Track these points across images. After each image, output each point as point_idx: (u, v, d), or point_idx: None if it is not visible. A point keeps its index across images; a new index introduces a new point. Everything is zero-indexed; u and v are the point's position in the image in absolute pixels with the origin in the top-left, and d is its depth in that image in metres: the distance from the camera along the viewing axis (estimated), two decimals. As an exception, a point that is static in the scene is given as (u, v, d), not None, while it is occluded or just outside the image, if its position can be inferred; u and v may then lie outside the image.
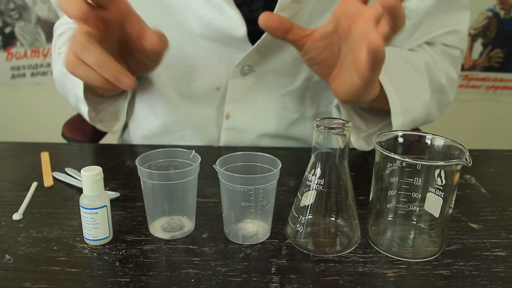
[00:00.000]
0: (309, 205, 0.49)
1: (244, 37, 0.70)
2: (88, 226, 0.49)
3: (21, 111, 1.89)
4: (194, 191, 0.52)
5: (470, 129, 1.85)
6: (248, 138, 0.79)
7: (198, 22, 0.71)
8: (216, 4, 0.68)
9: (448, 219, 0.49)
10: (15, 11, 1.76)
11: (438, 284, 0.45)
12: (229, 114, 0.77)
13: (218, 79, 0.75)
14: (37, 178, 0.65)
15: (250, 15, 0.71)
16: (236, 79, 0.74)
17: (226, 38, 0.71)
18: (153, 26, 0.61)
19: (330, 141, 0.47)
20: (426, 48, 0.78)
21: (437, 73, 0.75)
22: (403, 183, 0.48)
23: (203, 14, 0.69)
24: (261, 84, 0.76)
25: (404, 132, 0.52)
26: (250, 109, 0.77)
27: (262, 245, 0.51)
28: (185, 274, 0.46)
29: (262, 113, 0.78)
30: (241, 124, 0.78)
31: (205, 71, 0.75)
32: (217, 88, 0.76)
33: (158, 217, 0.53)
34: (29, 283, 0.45)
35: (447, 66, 0.78)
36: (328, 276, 0.46)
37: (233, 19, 0.69)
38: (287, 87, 0.76)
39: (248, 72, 0.74)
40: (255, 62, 0.73)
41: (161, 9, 0.72)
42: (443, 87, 0.76)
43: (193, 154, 0.53)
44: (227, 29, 0.70)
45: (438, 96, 0.76)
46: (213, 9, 0.69)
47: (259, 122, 0.78)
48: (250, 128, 0.78)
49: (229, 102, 0.76)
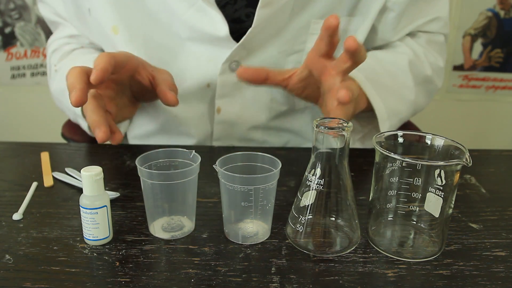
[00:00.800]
0: (309, 205, 0.49)
1: (227, 36, 0.72)
2: (88, 226, 0.49)
3: (21, 111, 1.89)
4: (194, 191, 0.52)
5: (470, 129, 1.85)
6: (239, 130, 0.82)
7: (184, 26, 0.74)
8: (199, 7, 0.71)
9: (448, 219, 0.49)
10: (15, 11, 1.76)
11: (438, 284, 0.45)
12: (220, 108, 0.80)
13: (208, 77, 0.77)
14: (37, 178, 0.65)
15: (234, 15, 0.74)
16: (225, 75, 0.76)
17: (212, 38, 0.73)
18: (155, 65, 0.70)
19: (330, 141, 0.47)
20: (409, 42, 0.83)
21: (421, 68, 0.80)
22: (403, 183, 0.48)
23: (188, 18, 0.72)
24: None
25: (404, 132, 0.52)
26: (239, 103, 0.80)
27: (262, 245, 0.51)
28: (185, 274, 0.46)
29: (252, 106, 0.80)
30: (232, 117, 0.80)
31: (195, 71, 0.77)
32: (208, 85, 0.78)
33: (158, 217, 0.53)
34: (29, 283, 0.45)
35: (433, 56, 0.83)
36: (328, 276, 0.46)
37: (215, 20, 0.72)
38: None
39: (236, 67, 0.76)
40: (241, 57, 0.75)
41: (149, 16, 0.74)
42: (429, 78, 0.81)
43: (193, 154, 0.53)
44: (210, 30, 0.72)
45: (425, 87, 0.82)
46: (196, 12, 0.72)
47: (249, 114, 0.81)
48: (241, 121, 0.81)
49: (219, 97, 0.78)
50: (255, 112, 0.81)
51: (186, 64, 0.77)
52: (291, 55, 0.77)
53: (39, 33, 1.80)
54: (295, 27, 0.74)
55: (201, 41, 0.75)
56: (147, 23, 0.75)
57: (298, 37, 0.75)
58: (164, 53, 0.76)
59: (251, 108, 0.81)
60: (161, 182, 0.50)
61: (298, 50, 0.77)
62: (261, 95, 0.80)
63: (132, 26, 0.75)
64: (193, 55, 0.76)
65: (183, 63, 0.77)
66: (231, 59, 0.75)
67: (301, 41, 0.76)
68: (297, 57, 0.77)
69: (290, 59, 0.77)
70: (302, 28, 0.75)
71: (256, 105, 0.81)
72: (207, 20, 0.72)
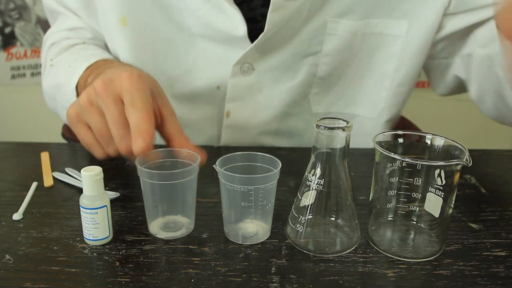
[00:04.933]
0: (309, 205, 0.49)
1: (245, 36, 0.70)
2: (88, 226, 0.49)
3: (21, 111, 1.89)
4: (194, 191, 0.52)
5: (470, 129, 1.84)
6: (249, 136, 0.79)
7: (197, 22, 0.71)
8: (216, 3, 0.68)
9: (448, 219, 0.49)
10: (15, 11, 1.76)
11: (438, 284, 0.45)
12: (229, 112, 0.77)
13: (219, 78, 0.75)
14: (37, 178, 0.65)
15: (249, 14, 0.71)
16: (236, 78, 0.74)
17: (226, 38, 0.71)
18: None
19: (330, 141, 0.47)
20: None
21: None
22: (403, 183, 0.48)
23: (203, 14, 0.69)
24: (261, 81, 0.76)
25: (404, 132, 0.52)
26: (250, 107, 0.77)
27: (262, 245, 0.51)
28: (185, 274, 0.46)
29: (263, 110, 0.78)
30: (242, 122, 0.78)
31: (205, 71, 0.75)
32: (218, 87, 0.76)
33: (158, 217, 0.53)
34: (29, 283, 0.45)
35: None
36: (328, 276, 0.46)
37: (233, 18, 0.68)
38: (288, 83, 0.76)
39: (248, 70, 0.74)
40: (254, 60, 0.73)
41: (160, 8, 0.71)
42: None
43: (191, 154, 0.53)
44: (227, 28, 0.69)
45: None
46: (212, 8, 0.68)
47: (260, 119, 0.78)
48: (250, 126, 0.78)
49: (230, 100, 0.76)
50: (267, 117, 0.78)
51: (195, 63, 0.74)
52: (306, 57, 0.74)
53: (39, 33, 1.80)
54: (311, 28, 0.71)
55: (214, 40, 0.72)
56: (157, 16, 0.71)
57: (315, 38, 0.72)
58: (172, 50, 0.73)
59: (262, 113, 0.78)
60: (161, 182, 0.50)
61: (314, 52, 0.73)
62: (275, 99, 0.77)
63: (142, 18, 0.71)
64: (204, 54, 0.73)
65: (192, 61, 0.74)
66: (244, 61, 0.72)
67: (318, 42, 0.72)
68: (313, 59, 0.74)
69: (305, 61, 0.74)
70: (319, 29, 0.71)
71: (268, 110, 0.77)
72: (223, 18, 0.69)
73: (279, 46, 0.72)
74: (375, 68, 0.76)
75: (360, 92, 0.79)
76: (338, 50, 0.73)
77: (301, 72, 0.75)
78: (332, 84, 0.77)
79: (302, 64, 0.75)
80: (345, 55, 0.74)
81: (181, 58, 0.74)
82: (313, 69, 0.75)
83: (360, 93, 0.79)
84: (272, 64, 0.74)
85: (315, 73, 0.75)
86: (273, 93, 0.76)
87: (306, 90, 0.77)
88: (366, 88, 0.78)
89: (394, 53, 0.74)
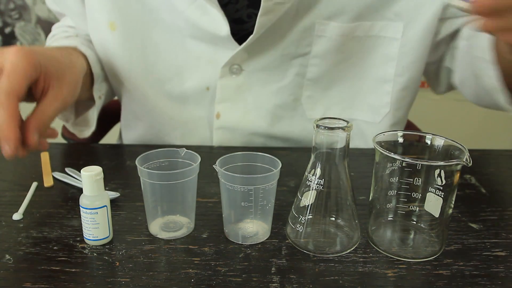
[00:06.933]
0: (309, 205, 0.49)
1: (228, 36, 0.70)
2: (88, 226, 0.49)
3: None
4: (194, 191, 0.52)
5: (470, 129, 1.84)
6: (240, 137, 0.79)
7: (185, 22, 0.72)
8: (200, 4, 0.69)
9: (448, 219, 0.49)
10: (15, 11, 1.76)
11: (438, 284, 0.45)
12: (219, 114, 0.77)
13: (208, 79, 0.75)
14: (37, 178, 0.65)
15: (235, 15, 0.72)
16: (225, 79, 0.75)
17: (212, 38, 0.72)
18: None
19: (330, 141, 0.47)
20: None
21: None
22: (403, 183, 0.48)
23: (189, 15, 0.70)
24: (250, 82, 0.76)
25: (404, 132, 0.52)
26: (241, 108, 0.77)
27: (262, 245, 0.51)
28: (185, 274, 0.46)
29: (253, 111, 0.78)
30: (232, 123, 0.78)
31: (195, 72, 0.75)
32: (207, 88, 0.76)
33: (158, 217, 0.53)
34: (29, 283, 0.45)
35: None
36: (328, 276, 0.46)
37: (215, 18, 0.70)
38: (277, 84, 0.76)
39: (237, 71, 0.74)
40: (243, 61, 0.73)
41: (150, 11, 0.73)
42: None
43: (185, 151, 0.53)
44: (211, 28, 0.71)
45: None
46: (197, 9, 0.70)
47: (250, 120, 0.78)
48: (241, 127, 0.78)
49: (219, 101, 0.76)
50: (257, 118, 0.78)
51: (185, 64, 0.75)
52: (295, 59, 0.74)
53: (39, 33, 1.80)
54: (299, 29, 0.72)
55: (202, 40, 0.73)
56: (147, 20, 0.73)
57: (303, 40, 0.73)
58: (162, 51, 0.74)
59: (253, 114, 0.78)
60: (161, 182, 0.50)
61: (303, 53, 0.74)
62: (265, 100, 0.77)
63: (131, 23, 0.73)
64: (193, 55, 0.74)
65: (182, 62, 0.75)
66: (232, 62, 0.73)
67: (307, 44, 0.73)
68: (302, 60, 0.74)
69: (294, 62, 0.74)
70: (307, 31, 0.72)
71: (258, 111, 0.78)
72: (207, 19, 0.70)
73: (268, 48, 0.73)
74: (372, 71, 0.76)
75: (358, 96, 0.78)
76: (328, 52, 0.73)
77: (289, 73, 0.75)
78: (325, 88, 0.77)
79: (290, 65, 0.75)
80: (336, 57, 0.74)
81: (171, 60, 0.75)
82: (302, 70, 0.75)
83: (359, 98, 0.78)
84: (261, 65, 0.74)
85: (304, 74, 0.75)
86: (262, 94, 0.77)
87: (297, 92, 0.77)
88: (364, 92, 0.78)
89: (391, 57, 0.74)
